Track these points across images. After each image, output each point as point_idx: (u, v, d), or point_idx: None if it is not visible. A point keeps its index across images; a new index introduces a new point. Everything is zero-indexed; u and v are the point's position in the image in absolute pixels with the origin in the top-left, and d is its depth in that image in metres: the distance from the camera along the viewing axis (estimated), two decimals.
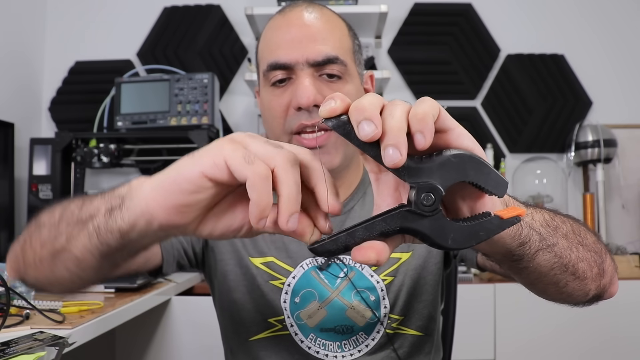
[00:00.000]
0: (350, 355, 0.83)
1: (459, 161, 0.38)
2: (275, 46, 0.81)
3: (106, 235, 0.48)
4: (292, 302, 0.83)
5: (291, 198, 0.40)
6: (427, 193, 0.38)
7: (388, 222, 0.39)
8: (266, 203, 0.39)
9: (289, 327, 0.83)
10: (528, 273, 0.56)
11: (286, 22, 0.82)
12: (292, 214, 0.39)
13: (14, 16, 2.17)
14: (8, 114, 2.05)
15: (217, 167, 0.41)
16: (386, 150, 0.37)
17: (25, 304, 1.05)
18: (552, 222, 0.56)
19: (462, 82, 2.37)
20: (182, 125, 2.02)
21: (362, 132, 0.37)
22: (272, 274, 0.84)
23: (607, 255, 0.64)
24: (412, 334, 0.85)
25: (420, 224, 0.39)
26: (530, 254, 0.52)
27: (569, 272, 0.57)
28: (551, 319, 1.80)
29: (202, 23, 2.35)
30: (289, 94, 0.80)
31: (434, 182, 0.38)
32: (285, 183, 0.40)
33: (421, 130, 0.37)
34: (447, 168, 0.38)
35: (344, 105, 0.39)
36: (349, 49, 0.84)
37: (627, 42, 2.41)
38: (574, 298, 0.62)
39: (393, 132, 0.37)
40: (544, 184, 2.31)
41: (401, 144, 0.37)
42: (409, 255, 0.85)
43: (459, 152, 0.39)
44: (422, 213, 0.38)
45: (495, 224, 0.40)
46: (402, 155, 0.37)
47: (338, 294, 0.83)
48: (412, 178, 0.38)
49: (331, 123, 0.39)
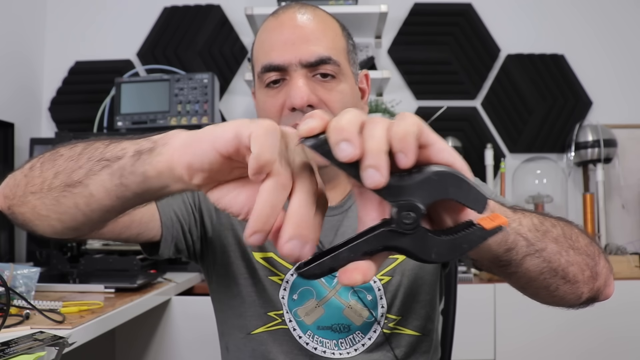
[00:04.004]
0: (347, 354, 0.83)
1: (439, 179, 0.38)
2: (268, 48, 0.82)
3: (129, 177, 0.47)
4: (290, 298, 0.84)
5: (292, 222, 0.38)
6: (408, 212, 0.38)
7: (370, 242, 0.39)
8: (270, 155, 0.37)
9: (287, 322, 0.84)
10: (517, 278, 0.56)
11: (279, 23, 0.83)
12: (287, 239, 0.38)
13: (14, 16, 2.17)
14: (8, 114, 2.05)
15: (236, 149, 0.39)
16: (366, 172, 0.36)
17: (25, 304, 1.05)
18: (541, 227, 0.56)
19: (462, 82, 2.37)
20: (182, 125, 2.02)
21: (341, 154, 0.36)
22: (272, 270, 0.85)
23: (600, 257, 0.63)
24: (410, 334, 0.86)
25: (402, 241, 0.39)
26: (518, 260, 0.53)
27: (559, 276, 0.57)
28: (551, 319, 1.80)
29: (202, 23, 2.35)
30: (283, 95, 0.81)
31: (415, 200, 0.38)
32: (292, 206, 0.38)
33: (403, 150, 0.36)
34: (428, 186, 0.38)
35: (322, 123, 0.38)
36: (343, 48, 0.84)
37: (627, 42, 2.41)
38: (566, 301, 0.62)
39: (373, 154, 0.36)
40: (544, 184, 2.31)
41: (382, 165, 0.36)
42: None
43: (440, 169, 0.38)
44: (404, 232, 0.39)
45: (477, 235, 0.40)
46: (383, 176, 0.36)
47: (335, 293, 0.83)
48: (392, 197, 0.38)
49: (309, 143, 0.38)
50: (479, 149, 2.27)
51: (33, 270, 1.20)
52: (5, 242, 1.97)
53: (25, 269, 1.19)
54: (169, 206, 0.84)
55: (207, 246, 0.90)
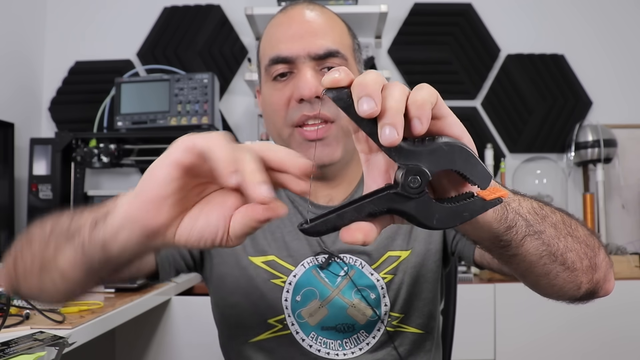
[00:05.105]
0: (351, 354, 0.83)
1: (449, 150, 0.39)
2: (276, 41, 0.82)
3: (90, 249, 0.47)
4: (294, 300, 0.83)
5: (255, 169, 0.38)
6: (415, 176, 0.39)
7: (376, 203, 0.40)
8: (232, 157, 0.38)
9: (289, 326, 0.83)
10: (518, 262, 0.56)
11: (287, 18, 0.84)
12: (260, 181, 0.37)
13: (14, 16, 2.17)
14: (8, 114, 2.05)
15: (188, 151, 0.40)
16: (383, 129, 0.37)
17: (25, 304, 1.05)
18: (540, 211, 0.56)
19: (462, 82, 2.37)
20: (182, 125, 2.02)
21: (362, 108, 0.38)
22: (274, 273, 0.84)
23: (600, 250, 0.63)
24: (413, 332, 0.86)
25: (406, 205, 0.40)
26: (518, 240, 0.53)
27: (558, 262, 0.57)
28: (551, 319, 1.80)
29: (202, 23, 2.35)
30: (290, 87, 0.81)
31: (423, 166, 0.39)
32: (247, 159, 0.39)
33: (419, 117, 0.38)
34: (437, 155, 0.39)
35: (348, 78, 0.39)
36: (349, 46, 0.86)
37: (627, 42, 2.41)
38: (565, 292, 0.61)
39: (392, 112, 0.38)
40: (544, 184, 2.32)
41: (398, 124, 0.37)
42: (408, 253, 0.85)
43: (451, 141, 0.40)
44: (409, 195, 0.40)
45: (478, 205, 0.41)
46: (399, 135, 0.37)
47: (339, 292, 0.83)
48: (402, 159, 0.39)
49: (332, 94, 0.39)
50: (479, 149, 2.27)
51: None
52: (5, 242, 1.97)
53: None
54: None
55: (204, 259, 0.90)
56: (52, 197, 1.99)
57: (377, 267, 0.84)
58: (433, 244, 0.86)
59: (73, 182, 2.06)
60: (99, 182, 2.32)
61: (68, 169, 2.05)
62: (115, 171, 2.29)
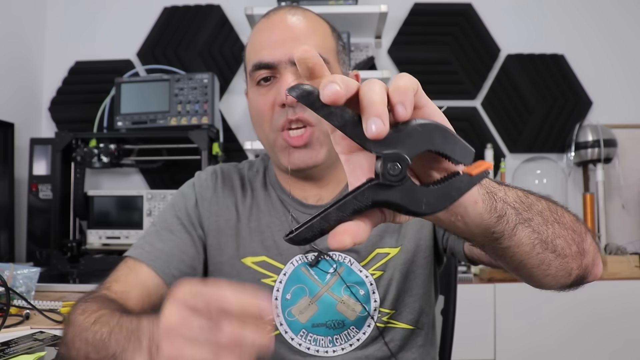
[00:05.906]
0: (342, 350, 0.84)
1: (424, 130, 0.38)
2: (259, 47, 0.85)
3: None
4: (284, 298, 0.85)
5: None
6: (394, 162, 0.38)
7: (359, 198, 0.39)
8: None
9: (278, 327, 0.85)
10: (512, 254, 0.55)
11: (270, 24, 0.86)
12: None
13: (14, 16, 2.17)
14: (8, 114, 2.05)
15: None
16: (369, 122, 0.37)
17: (25, 304, 1.05)
18: (525, 199, 0.56)
19: (462, 82, 2.37)
20: (182, 125, 2.02)
21: (325, 93, 0.37)
22: (264, 273, 0.86)
23: (587, 235, 0.63)
24: (403, 328, 0.87)
25: (390, 194, 0.39)
26: (510, 229, 0.52)
27: (549, 249, 0.57)
28: (551, 319, 1.80)
29: (202, 23, 2.35)
30: (274, 92, 0.83)
31: (401, 151, 0.38)
32: None
33: (402, 102, 0.38)
34: (413, 138, 0.38)
35: (309, 74, 0.41)
36: (332, 48, 0.87)
37: (627, 42, 2.41)
38: (557, 280, 0.61)
39: (375, 104, 0.37)
40: (544, 184, 2.31)
41: (383, 114, 0.37)
42: (397, 250, 0.87)
43: (425, 121, 0.39)
44: (391, 183, 0.38)
45: (465, 181, 0.40)
46: (385, 125, 0.37)
47: (328, 289, 0.84)
48: (377, 148, 0.38)
49: (295, 93, 0.38)
50: (479, 149, 2.27)
51: (33, 270, 1.20)
52: (5, 242, 1.97)
53: (25, 269, 1.19)
54: (169, 266, 0.84)
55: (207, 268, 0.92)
56: (52, 197, 1.99)
57: (365, 264, 0.85)
58: (423, 240, 0.87)
59: (73, 182, 2.06)
60: (99, 182, 2.32)
61: (68, 169, 2.05)
62: (115, 171, 2.29)
